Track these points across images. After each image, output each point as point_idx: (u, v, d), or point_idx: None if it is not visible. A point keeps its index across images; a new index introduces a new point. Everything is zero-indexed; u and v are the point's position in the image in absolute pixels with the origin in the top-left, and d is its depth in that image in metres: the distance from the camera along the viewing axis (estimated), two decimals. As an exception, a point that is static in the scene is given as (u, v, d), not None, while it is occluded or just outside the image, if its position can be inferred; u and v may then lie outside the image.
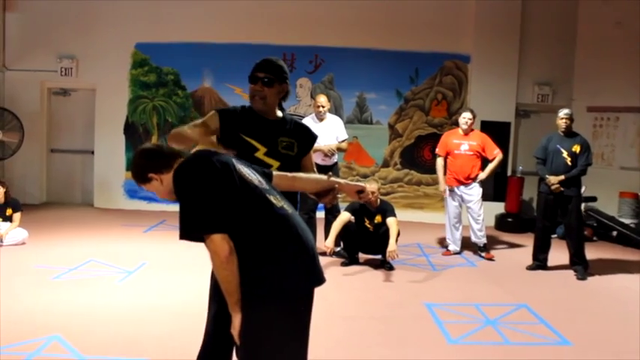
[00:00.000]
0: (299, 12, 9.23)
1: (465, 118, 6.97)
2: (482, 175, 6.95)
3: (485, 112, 8.94)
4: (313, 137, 3.21)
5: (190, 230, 2.26)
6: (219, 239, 2.21)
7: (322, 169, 6.58)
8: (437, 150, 7.26)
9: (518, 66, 9.31)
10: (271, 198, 2.42)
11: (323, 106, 6.67)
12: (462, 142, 6.97)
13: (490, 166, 6.97)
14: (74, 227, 7.83)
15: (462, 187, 6.98)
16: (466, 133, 6.99)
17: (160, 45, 9.41)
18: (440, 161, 7.19)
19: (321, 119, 6.70)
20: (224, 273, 2.24)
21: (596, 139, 9.19)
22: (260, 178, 2.49)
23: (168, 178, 2.40)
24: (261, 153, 2.98)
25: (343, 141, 6.81)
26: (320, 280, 2.48)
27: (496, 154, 6.95)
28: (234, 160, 2.43)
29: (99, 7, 9.33)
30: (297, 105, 9.47)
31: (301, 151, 3.11)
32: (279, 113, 3.09)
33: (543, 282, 6.09)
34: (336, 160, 6.79)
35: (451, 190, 7.06)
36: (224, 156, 2.44)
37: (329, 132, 6.67)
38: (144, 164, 2.46)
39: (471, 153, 6.92)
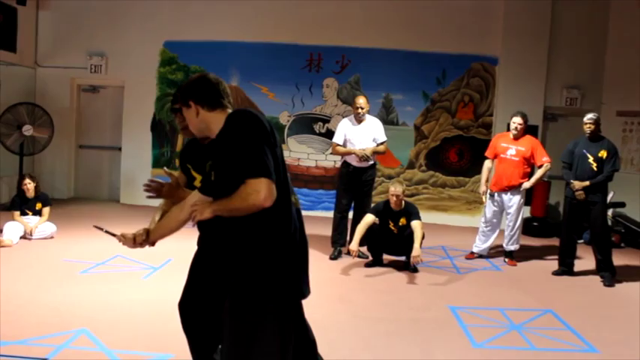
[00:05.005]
0: (326, 12, 9.24)
1: (515, 123, 6.70)
2: (527, 184, 6.73)
3: (513, 115, 8.88)
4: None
5: (253, 169, 2.17)
6: (272, 185, 2.18)
7: (358, 171, 6.59)
8: (486, 152, 7.07)
9: (547, 69, 9.19)
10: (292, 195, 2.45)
11: (362, 108, 6.54)
12: (510, 147, 6.74)
13: (536, 175, 6.74)
14: (101, 222, 7.76)
15: (502, 194, 6.82)
16: (516, 137, 6.76)
17: (187, 43, 9.50)
18: (487, 163, 6.99)
19: (359, 121, 6.61)
20: (241, 206, 2.19)
21: (626, 144, 9.04)
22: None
23: (205, 115, 2.42)
24: (197, 182, 2.90)
25: (382, 143, 6.67)
26: (307, 292, 2.50)
27: (544, 162, 6.67)
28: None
29: (128, 6, 9.48)
30: (324, 105, 9.48)
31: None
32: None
33: (569, 288, 6.02)
34: (372, 162, 6.67)
35: (491, 195, 6.93)
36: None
37: (366, 134, 6.59)
38: (194, 89, 2.45)
39: (517, 159, 6.68)
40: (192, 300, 2.90)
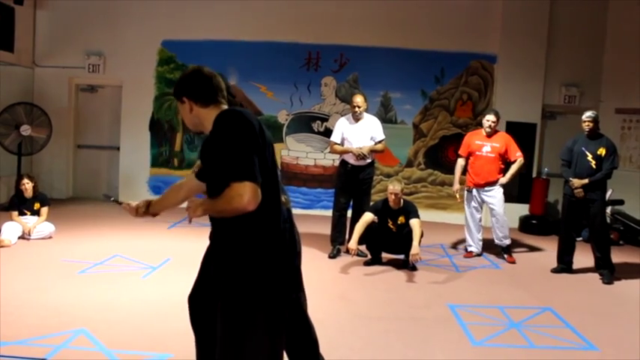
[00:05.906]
0: (324, 11, 9.22)
1: (488, 120, 6.82)
2: (504, 180, 6.81)
3: (511, 113, 8.89)
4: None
5: (238, 173, 2.19)
6: (256, 188, 2.19)
7: (356, 170, 6.58)
8: (459, 150, 7.17)
9: (545, 67, 9.19)
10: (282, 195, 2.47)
11: (359, 106, 6.52)
12: (484, 144, 6.85)
13: (511, 170, 6.82)
14: (100, 222, 7.92)
15: (481, 190, 6.89)
16: (489, 135, 6.87)
17: (186, 43, 9.48)
18: (460, 161, 7.10)
19: (357, 119, 6.60)
20: (226, 209, 2.22)
21: (625, 142, 9.05)
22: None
23: (199, 111, 2.45)
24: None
25: (380, 142, 6.64)
26: (298, 291, 2.59)
27: (517, 157, 6.79)
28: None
29: (126, 5, 9.45)
30: (322, 104, 9.47)
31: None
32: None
33: (568, 285, 6.02)
34: (371, 161, 6.64)
35: (469, 192, 6.99)
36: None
37: (364, 133, 6.57)
38: (187, 85, 2.48)
39: (493, 155, 6.79)
40: (199, 294, 2.90)
